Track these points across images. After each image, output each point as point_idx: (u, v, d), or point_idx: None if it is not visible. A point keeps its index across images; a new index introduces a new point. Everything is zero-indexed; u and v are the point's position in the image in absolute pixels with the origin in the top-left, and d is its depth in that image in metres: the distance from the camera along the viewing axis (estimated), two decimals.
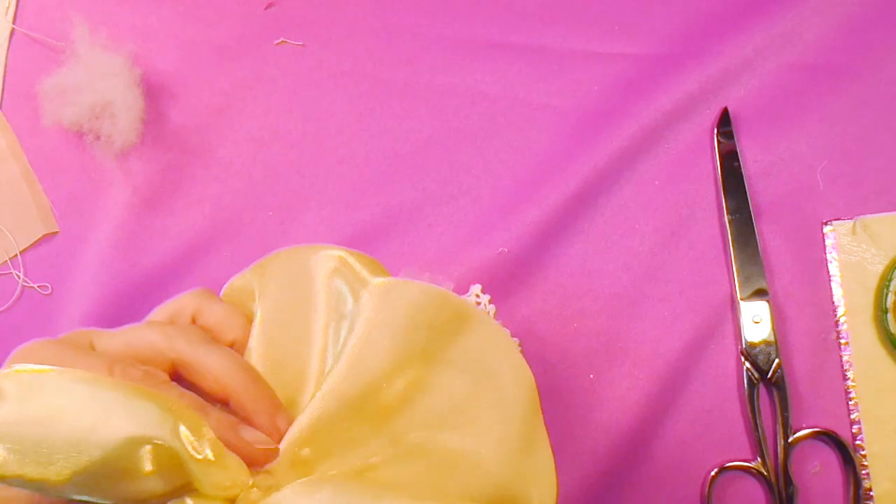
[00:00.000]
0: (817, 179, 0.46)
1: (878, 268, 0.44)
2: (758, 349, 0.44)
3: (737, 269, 0.45)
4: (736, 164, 0.46)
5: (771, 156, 0.47)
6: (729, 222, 0.45)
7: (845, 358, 0.44)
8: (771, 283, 0.45)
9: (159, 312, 0.33)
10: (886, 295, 0.44)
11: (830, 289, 0.45)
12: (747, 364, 0.44)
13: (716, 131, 0.47)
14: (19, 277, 0.47)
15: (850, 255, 0.45)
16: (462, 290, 0.45)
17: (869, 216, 0.45)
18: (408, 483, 0.30)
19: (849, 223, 0.45)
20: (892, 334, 0.43)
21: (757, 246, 0.45)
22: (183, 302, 0.33)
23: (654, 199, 0.47)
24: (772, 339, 0.44)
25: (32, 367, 0.26)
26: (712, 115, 0.47)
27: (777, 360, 0.43)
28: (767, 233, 0.46)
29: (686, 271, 0.46)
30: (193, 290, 0.34)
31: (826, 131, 0.47)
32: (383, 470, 0.30)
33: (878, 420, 0.43)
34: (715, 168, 0.47)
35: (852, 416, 0.43)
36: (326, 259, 0.33)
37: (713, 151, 0.47)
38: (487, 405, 0.31)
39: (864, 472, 0.43)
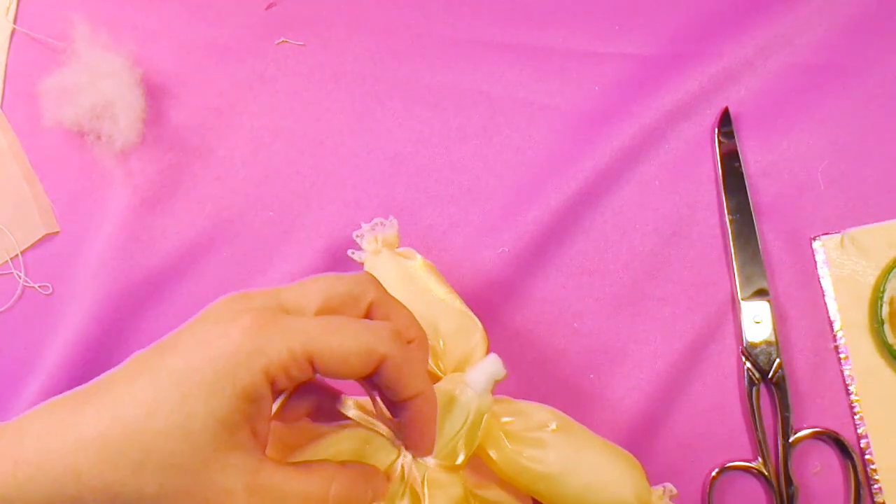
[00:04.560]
0: (818, 179, 0.46)
1: (870, 279, 0.44)
2: (758, 349, 0.44)
3: (737, 269, 0.45)
4: (737, 163, 0.46)
5: (771, 156, 0.47)
6: (730, 222, 0.45)
7: (846, 372, 0.44)
8: (772, 284, 0.45)
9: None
10: (881, 306, 0.43)
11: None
12: (748, 364, 0.44)
13: (716, 131, 0.47)
14: (20, 277, 0.47)
15: (840, 269, 0.44)
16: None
17: (854, 229, 0.45)
18: None
19: (836, 237, 0.45)
20: (889, 345, 0.43)
21: (758, 246, 0.45)
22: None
23: (654, 198, 0.47)
24: (772, 339, 0.44)
25: None
26: (713, 114, 0.47)
27: (778, 360, 0.43)
28: (768, 233, 0.46)
29: (687, 271, 0.46)
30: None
31: (826, 131, 0.47)
32: None
33: (886, 432, 0.43)
34: (716, 168, 0.47)
35: (859, 431, 0.43)
36: None
37: (714, 151, 0.47)
38: None
39: (875, 486, 0.42)
